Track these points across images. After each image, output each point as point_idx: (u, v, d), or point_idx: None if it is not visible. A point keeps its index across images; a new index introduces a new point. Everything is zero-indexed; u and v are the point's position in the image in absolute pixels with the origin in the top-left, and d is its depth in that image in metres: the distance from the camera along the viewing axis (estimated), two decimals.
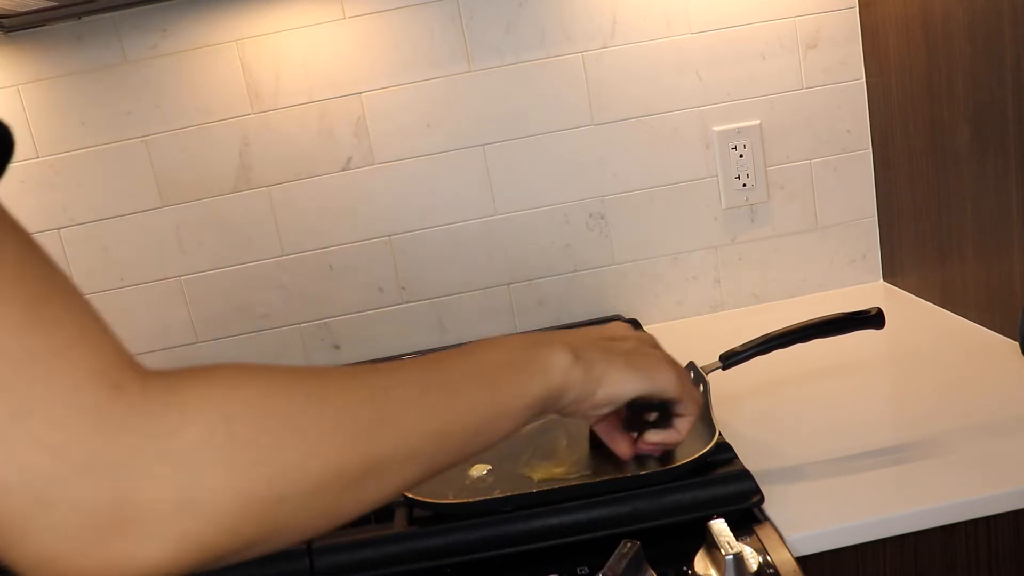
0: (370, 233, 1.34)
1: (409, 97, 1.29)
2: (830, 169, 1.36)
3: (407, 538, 0.79)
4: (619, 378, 0.64)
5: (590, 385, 0.62)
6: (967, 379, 1.02)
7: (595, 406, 0.64)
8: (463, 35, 1.28)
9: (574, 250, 1.36)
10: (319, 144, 1.30)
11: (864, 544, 0.78)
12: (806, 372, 1.08)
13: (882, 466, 0.85)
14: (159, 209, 1.30)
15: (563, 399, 0.61)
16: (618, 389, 0.64)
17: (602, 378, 0.63)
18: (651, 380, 0.66)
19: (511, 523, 0.78)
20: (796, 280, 1.40)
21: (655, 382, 0.67)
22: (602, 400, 0.64)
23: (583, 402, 0.63)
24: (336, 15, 1.26)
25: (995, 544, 0.80)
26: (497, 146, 1.32)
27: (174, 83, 1.27)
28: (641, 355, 0.68)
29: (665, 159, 1.34)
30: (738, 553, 0.68)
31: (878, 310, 0.93)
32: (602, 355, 0.64)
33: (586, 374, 0.62)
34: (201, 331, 1.35)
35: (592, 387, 0.63)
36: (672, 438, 0.73)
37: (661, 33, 1.30)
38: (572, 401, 0.62)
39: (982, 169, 1.08)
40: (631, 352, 0.67)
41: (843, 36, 1.31)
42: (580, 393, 0.62)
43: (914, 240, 1.28)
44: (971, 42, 1.05)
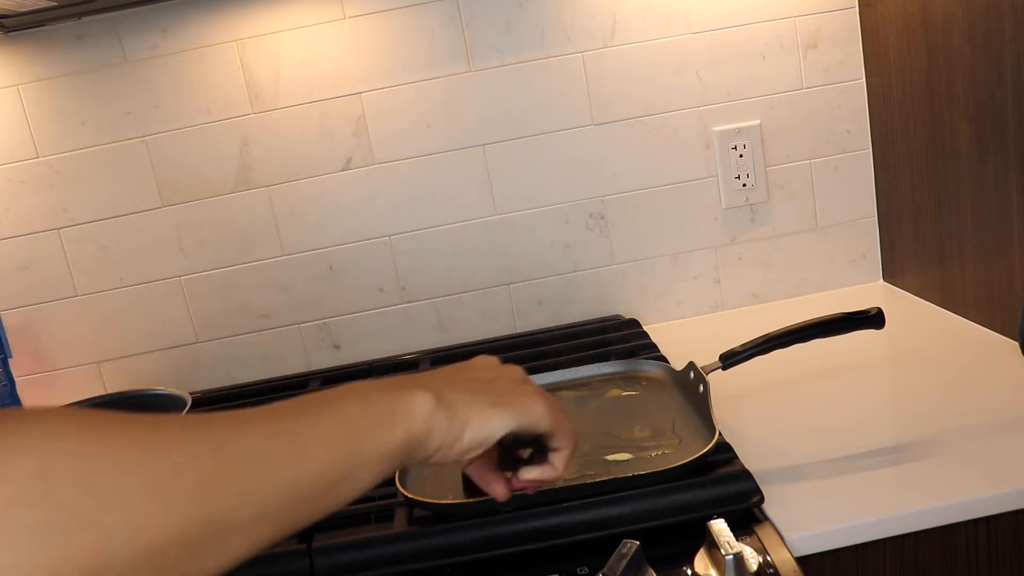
0: (370, 233, 1.34)
1: (409, 97, 1.30)
2: (830, 169, 1.36)
3: (407, 538, 0.79)
4: (485, 417, 0.59)
5: (455, 429, 0.57)
6: (967, 379, 1.02)
7: (463, 451, 0.59)
8: (463, 35, 1.28)
9: (574, 250, 1.36)
10: (319, 144, 1.30)
11: (864, 544, 0.78)
12: (806, 372, 1.08)
13: (882, 466, 0.85)
14: (159, 209, 1.30)
15: (427, 446, 0.56)
16: (485, 430, 0.59)
17: (467, 420, 0.58)
18: (519, 415, 0.61)
19: (511, 523, 0.78)
20: (796, 280, 1.40)
21: (524, 417, 0.61)
22: (470, 443, 0.59)
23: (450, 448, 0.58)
24: (336, 15, 1.26)
25: (995, 544, 0.80)
26: (497, 146, 1.32)
27: (174, 83, 1.27)
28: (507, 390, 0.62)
29: (665, 159, 1.34)
30: (738, 553, 0.68)
31: (878, 310, 0.93)
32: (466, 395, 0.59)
33: (449, 418, 0.57)
34: (201, 331, 1.35)
35: (458, 431, 0.57)
36: (548, 474, 0.66)
37: (661, 33, 1.30)
38: (437, 448, 0.57)
39: (982, 169, 1.08)
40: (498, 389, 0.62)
41: (843, 36, 1.31)
42: (445, 438, 0.57)
43: (914, 240, 1.28)
44: (971, 42, 1.05)
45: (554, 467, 0.66)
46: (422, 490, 0.84)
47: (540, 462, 0.66)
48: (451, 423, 0.57)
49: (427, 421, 0.55)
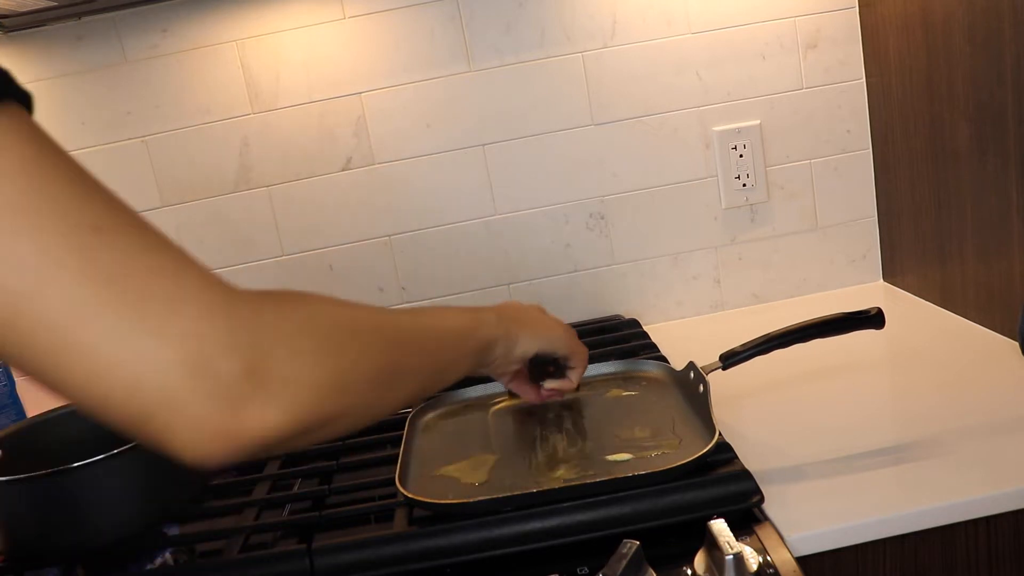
0: (370, 233, 1.34)
1: (409, 97, 1.30)
2: (830, 169, 1.36)
3: (407, 538, 0.79)
4: (528, 338, 0.85)
5: (510, 342, 0.83)
6: (967, 379, 1.02)
7: (514, 360, 0.85)
8: (463, 35, 1.28)
9: (574, 250, 1.36)
10: (319, 144, 1.30)
11: (864, 544, 0.78)
12: (806, 372, 1.08)
13: (882, 466, 0.85)
14: (159, 209, 1.30)
15: (494, 350, 0.82)
16: (527, 345, 0.86)
17: (518, 337, 0.84)
18: (546, 338, 0.88)
19: (511, 523, 0.78)
20: (796, 280, 1.40)
21: (551, 340, 0.88)
22: (517, 355, 0.85)
23: (505, 356, 0.84)
24: (336, 15, 1.26)
25: (995, 544, 0.80)
26: (497, 146, 1.32)
27: (174, 83, 1.27)
28: (540, 320, 0.89)
29: (665, 159, 1.34)
30: (738, 553, 0.68)
31: (878, 310, 0.93)
32: (515, 322, 0.85)
33: (507, 332, 0.83)
34: None
35: (511, 343, 0.84)
36: (565, 386, 0.94)
37: (661, 33, 1.30)
38: (499, 354, 0.83)
39: (982, 169, 1.08)
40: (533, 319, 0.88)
41: (843, 36, 1.31)
42: (504, 348, 0.83)
43: (914, 240, 1.28)
44: (971, 42, 1.05)
45: (570, 380, 0.94)
46: (422, 490, 0.84)
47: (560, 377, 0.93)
48: (508, 337, 0.83)
49: (495, 330, 0.81)
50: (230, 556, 0.82)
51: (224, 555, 0.83)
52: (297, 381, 0.49)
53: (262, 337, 0.48)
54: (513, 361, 0.86)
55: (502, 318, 0.83)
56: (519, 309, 0.89)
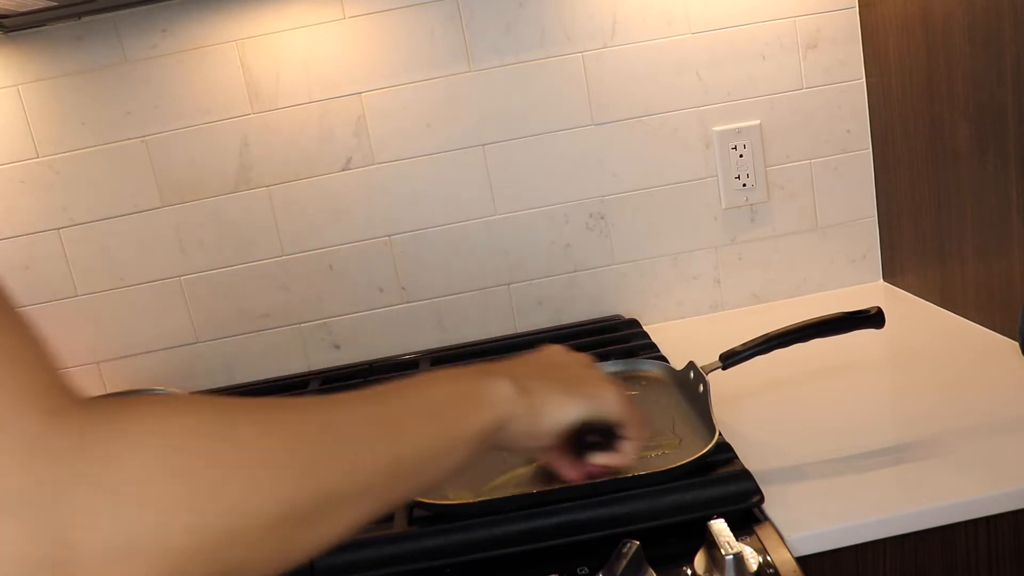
0: (370, 233, 1.34)
1: (409, 97, 1.30)
2: (830, 169, 1.36)
3: (407, 538, 0.79)
4: (562, 404, 0.64)
5: (534, 414, 0.62)
6: (967, 379, 1.02)
7: (540, 436, 0.64)
8: (463, 35, 1.28)
9: (574, 250, 1.36)
10: (319, 144, 1.30)
11: (864, 544, 0.78)
12: (806, 372, 1.08)
13: (882, 466, 0.85)
14: (159, 209, 1.30)
15: (508, 430, 0.60)
16: (560, 416, 0.64)
17: (544, 406, 0.63)
18: (593, 404, 0.66)
19: (511, 523, 0.78)
20: (796, 280, 1.40)
21: (597, 405, 0.67)
22: (547, 429, 0.64)
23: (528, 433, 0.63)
24: (336, 15, 1.26)
25: (995, 544, 0.80)
26: (497, 146, 1.32)
27: (174, 83, 1.27)
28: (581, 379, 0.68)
29: (665, 159, 1.34)
30: (738, 553, 0.68)
31: (878, 310, 0.93)
32: (543, 383, 0.64)
33: (529, 404, 0.62)
34: (201, 331, 1.35)
35: (535, 416, 0.62)
36: (618, 461, 0.72)
37: (661, 33, 1.30)
38: (519, 431, 0.61)
39: (982, 169, 1.08)
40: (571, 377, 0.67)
41: (843, 36, 1.31)
42: (524, 424, 0.62)
43: (914, 240, 1.28)
44: (971, 42, 1.05)
45: (623, 455, 0.72)
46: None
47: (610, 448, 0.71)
48: (530, 409, 0.61)
49: (509, 406, 0.60)
50: None
51: None
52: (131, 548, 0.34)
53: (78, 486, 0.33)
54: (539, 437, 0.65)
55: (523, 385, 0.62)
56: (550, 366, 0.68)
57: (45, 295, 1.31)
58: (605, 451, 0.72)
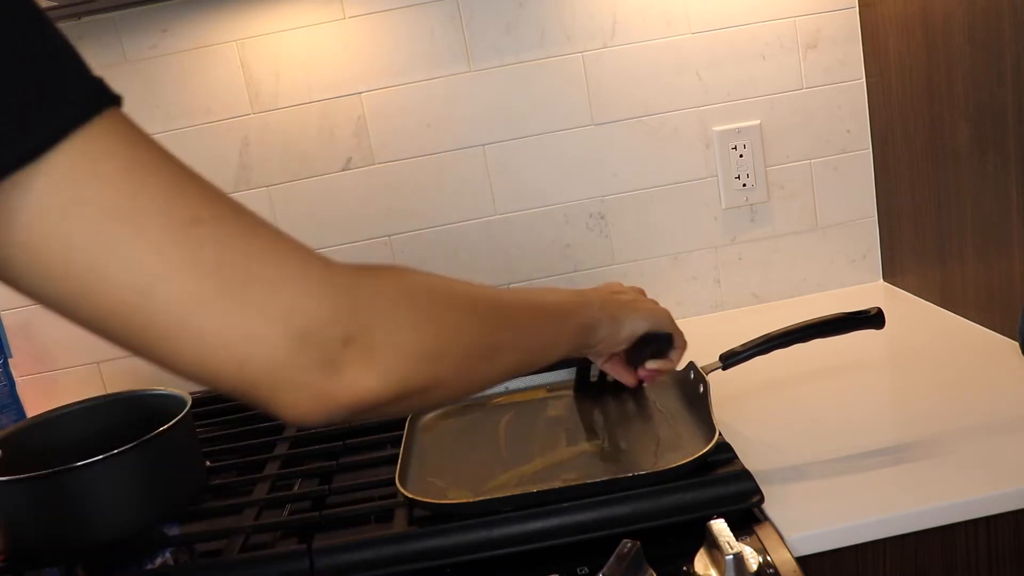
0: (370, 233, 1.34)
1: (409, 97, 1.30)
2: (830, 169, 1.36)
3: (407, 538, 0.79)
4: (634, 319, 0.84)
5: (614, 324, 0.82)
6: (967, 379, 1.02)
7: (619, 341, 0.84)
8: (463, 35, 1.28)
9: (574, 250, 1.36)
10: (319, 144, 1.30)
11: (864, 544, 0.78)
12: (806, 372, 1.08)
13: (882, 466, 0.85)
14: None
15: (597, 333, 0.81)
16: (634, 327, 0.84)
17: (623, 319, 0.83)
18: (655, 319, 0.86)
19: (511, 523, 0.78)
20: (796, 280, 1.40)
21: (658, 320, 0.87)
22: (624, 336, 0.84)
23: (611, 337, 0.83)
24: (336, 15, 1.26)
25: (995, 544, 0.80)
26: (497, 146, 1.32)
27: (174, 83, 1.27)
28: (641, 302, 0.88)
29: (665, 159, 1.34)
30: (738, 553, 0.68)
31: (878, 310, 0.93)
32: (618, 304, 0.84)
33: (611, 317, 0.82)
34: None
35: (616, 326, 0.83)
36: (668, 366, 0.90)
37: (661, 33, 1.30)
38: (603, 337, 0.81)
39: (982, 169, 1.08)
40: (635, 300, 0.87)
41: (843, 36, 1.31)
42: (608, 330, 0.82)
43: (914, 240, 1.28)
44: (971, 42, 1.05)
45: (671, 360, 0.90)
46: (422, 490, 0.84)
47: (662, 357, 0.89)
48: (612, 320, 0.82)
49: (598, 313, 0.81)
50: (230, 556, 0.82)
51: (224, 555, 0.83)
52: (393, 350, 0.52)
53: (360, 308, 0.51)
54: (620, 342, 0.85)
55: (605, 301, 0.82)
56: (621, 291, 0.89)
57: None
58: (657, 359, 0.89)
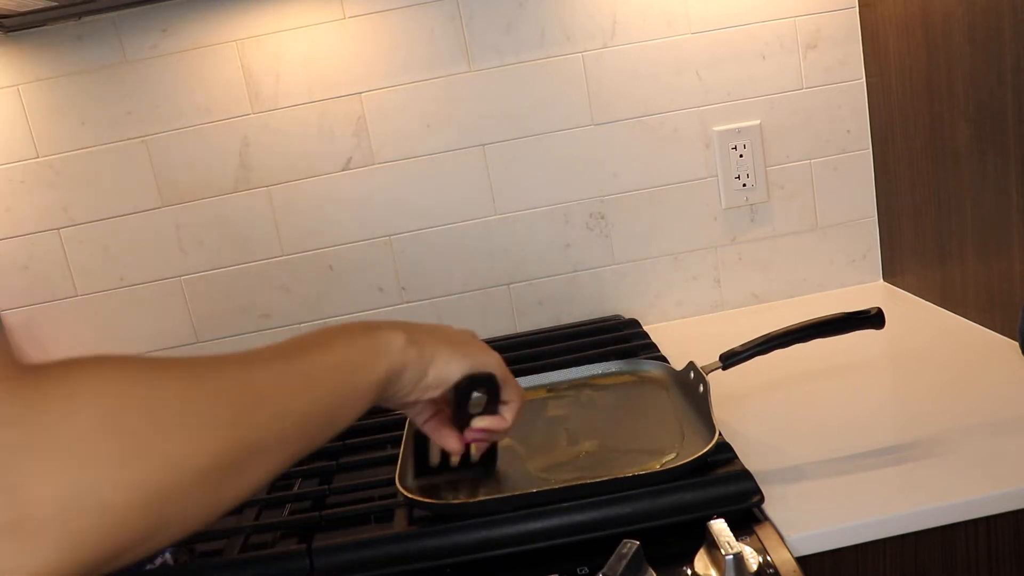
0: (370, 233, 1.34)
1: (409, 97, 1.30)
2: (830, 169, 1.36)
3: (407, 538, 0.79)
4: (447, 358, 0.69)
5: (423, 365, 0.67)
6: (967, 379, 1.02)
7: (427, 387, 0.68)
8: (463, 35, 1.28)
9: (574, 250, 1.36)
10: (319, 144, 1.30)
11: (864, 544, 0.78)
12: (806, 372, 1.08)
13: (882, 466, 0.85)
14: (159, 209, 1.31)
15: (401, 379, 0.65)
16: (447, 369, 0.69)
17: (433, 357, 0.67)
18: (475, 359, 0.71)
19: (511, 523, 0.78)
20: (796, 280, 1.40)
21: (478, 361, 0.72)
22: (433, 381, 0.68)
23: (418, 383, 0.67)
24: (336, 15, 1.26)
25: (995, 544, 0.80)
26: (497, 146, 1.32)
27: (174, 83, 1.27)
28: (465, 340, 0.73)
29: (665, 159, 1.34)
30: (738, 553, 0.68)
31: (878, 310, 0.93)
32: (431, 339, 0.68)
33: (419, 354, 0.66)
34: (201, 331, 1.35)
35: (424, 367, 0.67)
36: (498, 424, 0.75)
37: (661, 33, 1.30)
38: (408, 381, 0.66)
39: (982, 169, 1.08)
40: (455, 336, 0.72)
41: (843, 36, 1.31)
42: (414, 373, 0.66)
43: (914, 240, 1.28)
44: (971, 42, 1.05)
45: (503, 418, 0.75)
46: (422, 490, 0.84)
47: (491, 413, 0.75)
48: (420, 359, 0.66)
49: (402, 356, 0.64)
50: (230, 556, 0.82)
51: (224, 555, 0.83)
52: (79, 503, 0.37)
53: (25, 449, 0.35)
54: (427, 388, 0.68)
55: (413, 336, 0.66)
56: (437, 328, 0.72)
57: (45, 295, 1.31)
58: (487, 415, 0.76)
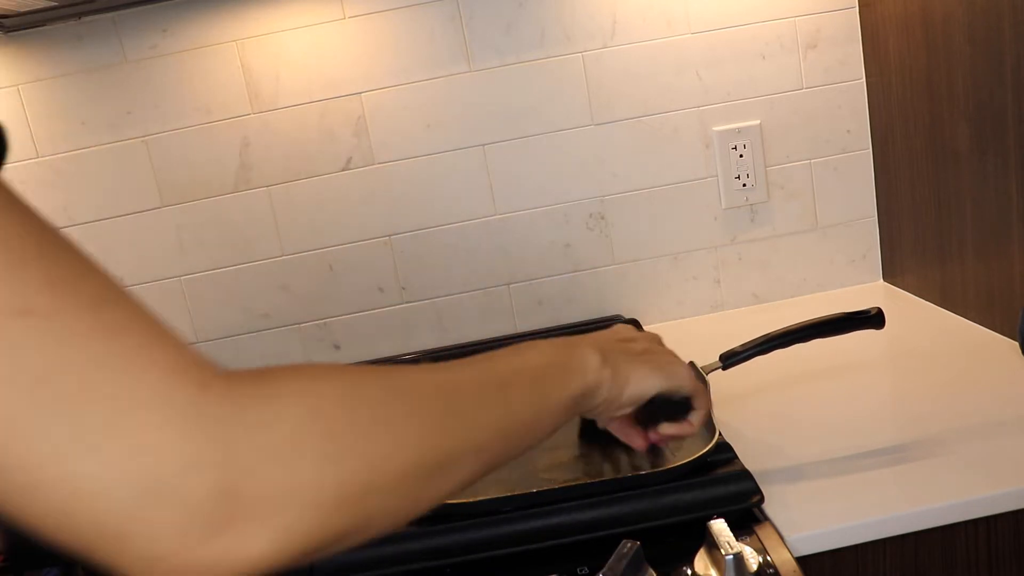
0: (370, 233, 1.34)
1: (409, 97, 1.29)
2: (830, 169, 1.36)
3: (407, 538, 0.79)
4: (643, 377, 0.68)
5: (618, 386, 0.66)
6: (967, 379, 1.02)
7: (622, 405, 0.68)
8: (463, 35, 1.28)
9: (574, 250, 1.36)
10: (319, 144, 1.30)
11: (864, 544, 0.78)
12: (806, 372, 1.08)
13: (882, 466, 0.85)
14: (159, 209, 1.30)
15: (595, 397, 0.65)
16: (642, 387, 0.68)
17: (629, 377, 0.67)
18: (670, 377, 0.70)
19: (511, 523, 0.78)
20: (796, 280, 1.40)
21: (673, 379, 0.71)
22: (628, 399, 0.68)
23: (612, 401, 0.66)
24: (336, 15, 1.26)
25: (995, 544, 0.80)
26: (497, 146, 1.32)
27: (174, 83, 1.27)
28: (656, 354, 0.72)
29: (665, 159, 1.34)
30: (738, 553, 0.68)
31: (878, 310, 0.93)
32: (625, 357, 0.68)
33: (614, 374, 0.65)
34: (201, 331, 1.35)
35: (620, 388, 0.66)
36: (686, 430, 0.76)
37: (661, 33, 1.30)
38: (603, 400, 0.65)
39: (982, 169, 1.08)
40: (647, 352, 0.71)
41: (843, 36, 1.31)
42: (610, 392, 0.65)
43: (914, 240, 1.28)
44: (971, 42, 1.05)
45: (691, 424, 0.75)
46: None
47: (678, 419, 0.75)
48: (615, 379, 0.66)
49: (597, 375, 0.64)
50: None
51: None
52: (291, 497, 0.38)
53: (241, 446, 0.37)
54: (622, 406, 0.68)
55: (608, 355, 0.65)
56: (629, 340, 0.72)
57: None
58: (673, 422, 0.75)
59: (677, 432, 0.75)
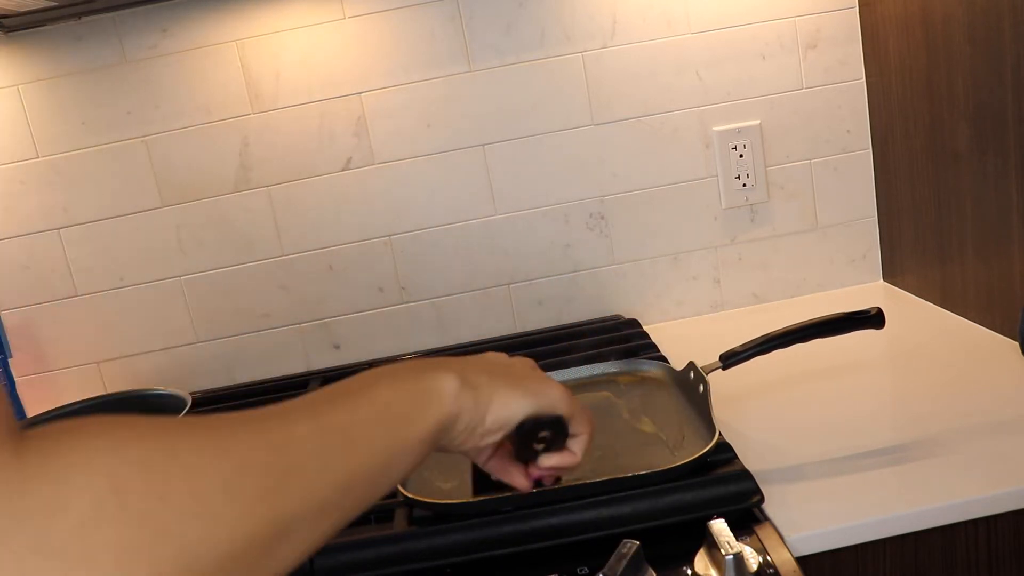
0: (370, 233, 1.34)
1: (409, 97, 1.30)
2: (830, 169, 1.36)
3: (407, 538, 0.79)
4: (507, 398, 0.61)
5: (480, 409, 0.59)
6: (967, 379, 1.02)
7: (487, 431, 0.61)
8: (463, 35, 1.28)
9: (574, 250, 1.36)
10: (319, 144, 1.30)
11: (864, 544, 0.78)
12: (806, 372, 1.08)
13: (882, 466, 0.85)
14: (159, 209, 1.30)
15: (456, 427, 0.58)
16: (508, 411, 0.61)
17: (491, 400, 0.60)
18: (539, 397, 0.63)
19: (511, 523, 0.78)
20: (796, 280, 1.40)
21: (543, 399, 0.64)
22: (492, 425, 0.60)
23: (475, 428, 0.59)
24: (336, 15, 1.26)
25: (995, 544, 0.80)
26: (497, 146, 1.32)
27: (174, 83, 1.27)
28: (525, 375, 0.65)
29: (665, 159, 1.34)
30: (738, 553, 0.68)
31: (878, 310, 0.93)
32: (487, 378, 0.61)
33: (475, 399, 0.58)
34: (201, 331, 1.35)
35: (482, 411, 0.59)
36: (568, 460, 0.68)
37: (661, 33, 1.30)
38: (464, 429, 0.58)
39: (982, 169, 1.08)
40: (514, 374, 0.64)
41: (843, 36, 1.31)
42: (471, 419, 0.59)
43: (914, 240, 1.28)
44: (971, 42, 1.05)
45: (573, 453, 0.68)
46: (422, 490, 0.84)
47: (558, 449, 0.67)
48: (476, 404, 0.58)
49: (456, 402, 0.57)
50: None
51: None
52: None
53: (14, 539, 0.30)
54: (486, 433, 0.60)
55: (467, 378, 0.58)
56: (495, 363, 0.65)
57: (45, 295, 1.31)
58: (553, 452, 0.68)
59: (559, 463, 0.67)
